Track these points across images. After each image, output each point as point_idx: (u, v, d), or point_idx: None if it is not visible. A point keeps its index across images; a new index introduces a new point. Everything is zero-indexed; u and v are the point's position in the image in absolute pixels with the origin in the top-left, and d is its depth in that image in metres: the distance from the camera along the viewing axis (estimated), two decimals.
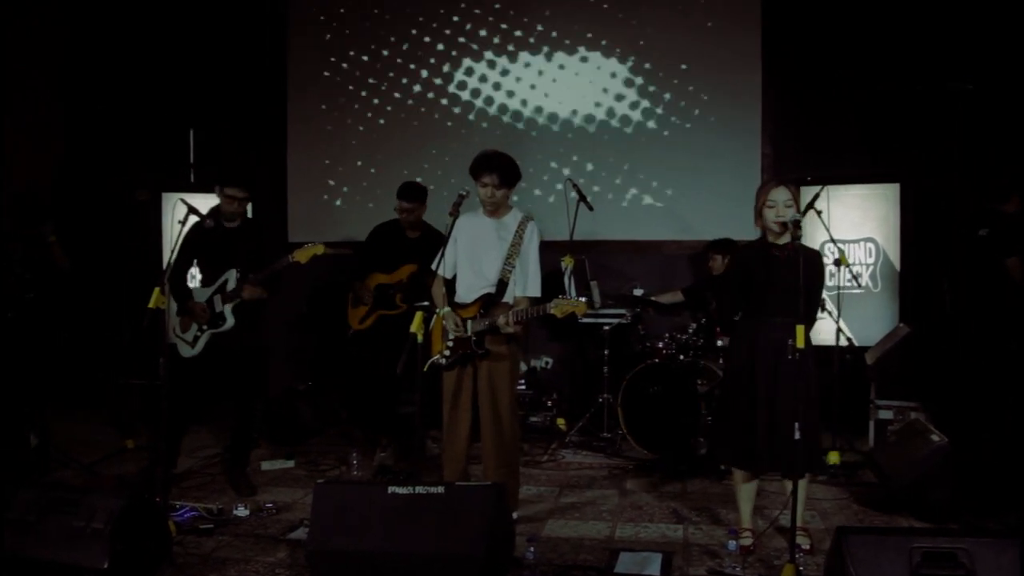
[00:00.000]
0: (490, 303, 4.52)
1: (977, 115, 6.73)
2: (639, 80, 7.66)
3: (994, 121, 6.72)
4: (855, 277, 6.28)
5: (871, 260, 6.93)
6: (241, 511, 4.80)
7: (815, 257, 4.20)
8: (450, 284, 4.73)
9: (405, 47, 8.13)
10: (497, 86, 7.94)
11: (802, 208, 4.18)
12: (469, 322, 4.51)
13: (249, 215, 5.65)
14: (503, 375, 4.52)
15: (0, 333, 5.73)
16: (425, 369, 4.33)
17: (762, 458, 4.12)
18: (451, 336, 4.53)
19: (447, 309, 4.57)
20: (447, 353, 4.54)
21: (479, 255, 4.59)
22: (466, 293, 4.62)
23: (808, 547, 4.15)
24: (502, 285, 4.53)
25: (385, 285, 6.04)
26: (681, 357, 6.35)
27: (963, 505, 4.61)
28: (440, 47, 8.06)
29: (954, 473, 4.64)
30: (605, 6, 7.71)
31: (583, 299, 4.41)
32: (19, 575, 3.78)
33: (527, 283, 4.58)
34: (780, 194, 4.10)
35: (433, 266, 4.58)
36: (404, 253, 6.02)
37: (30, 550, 3.76)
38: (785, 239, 4.12)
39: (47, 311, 6.09)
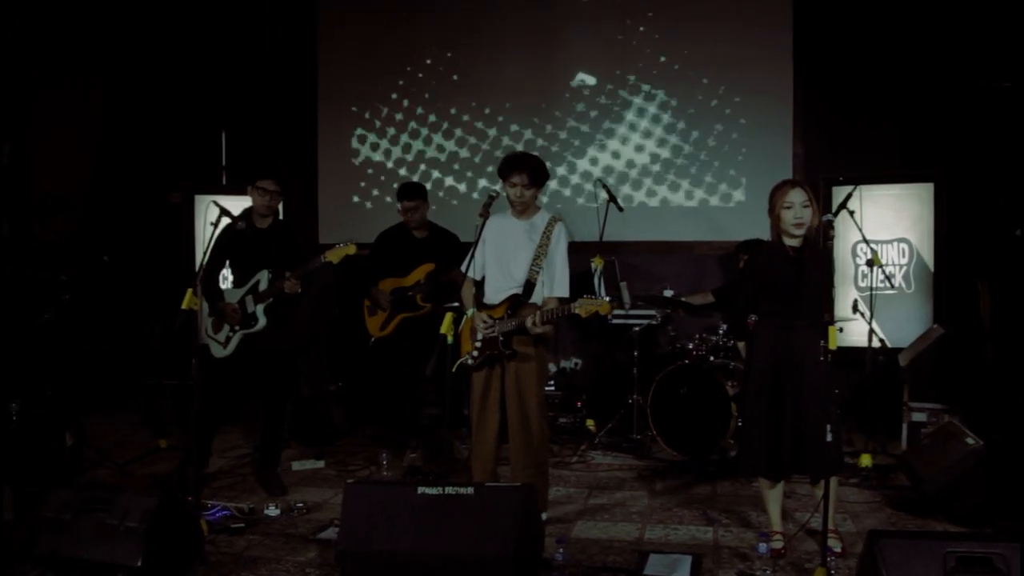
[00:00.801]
0: (518, 304, 4.52)
1: (1013, 113, 6.63)
2: (669, 81, 7.63)
3: None
4: (888, 278, 6.22)
5: (904, 261, 6.85)
6: (272, 511, 4.83)
7: (828, 256, 4.16)
8: (479, 285, 4.74)
9: (434, 47, 8.16)
10: (529, 87, 7.93)
11: (818, 209, 4.12)
12: (497, 323, 4.51)
13: (280, 216, 5.68)
14: (531, 376, 4.52)
15: (37, 335, 5.81)
16: (453, 370, 4.33)
17: (786, 463, 4.07)
18: (479, 337, 4.53)
19: (475, 310, 4.58)
20: (475, 354, 4.54)
21: (507, 256, 4.59)
22: (494, 294, 4.63)
23: (840, 550, 4.12)
24: (530, 286, 4.53)
25: (402, 288, 6.07)
26: (711, 358, 6.31)
27: (998, 509, 4.54)
28: (469, 47, 8.08)
29: (989, 477, 4.58)
30: (634, 7, 7.69)
31: (607, 298, 4.39)
32: (54, 573, 3.83)
33: (554, 284, 4.57)
34: (797, 195, 4.06)
35: (463, 268, 4.60)
36: (415, 254, 6.05)
37: (65, 548, 3.81)
38: (800, 240, 4.09)
39: (82, 313, 6.17)
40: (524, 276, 4.53)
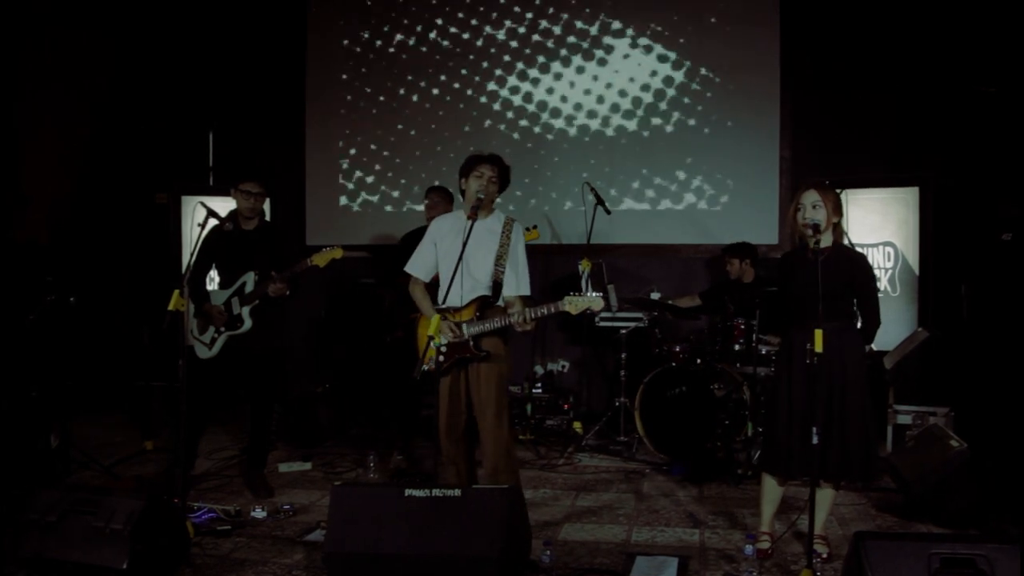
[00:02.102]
0: (486, 305, 4.46)
1: (999, 118, 6.67)
2: (657, 84, 7.65)
3: (1016, 124, 6.66)
4: None
5: (890, 264, 6.89)
6: (258, 513, 4.82)
7: (857, 259, 4.14)
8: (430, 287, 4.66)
9: (424, 51, 8.17)
10: (515, 90, 7.96)
11: (837, 209, 4.09)
12: (464, 325, 4.45)
13: (267, 218, 5.67)
14: (500, 376, 4.46)
15: (22, 336, 5.78)
16: (419, 377, 4.26)
17: (802, 463, 4.02)
18: (445, 341, 4.43)
19: (437, 315, 4.39)
20: (441, 359, 4.44)
21: (468, 257, 4.43)
22: (456, 295, 4.49)
23: (826, 555, 4.13)
24: (496, 286, 4.47)
25: None
26: (698, 361, 6.32)
27: (983, 511, 4.57)
28: (458, 51, 8.09)
29: (974, 479, 4.61)
30: (623, 12, 7.71)
31: (597, 295, 4.34)
32: (40, 575, 3.81)
33: (518, 283, 4.51)
34: (808, 196, 4.03)
35: (410, 269, 4.61)
36: None
37: (51, 551, 3.79)
38: (821, 242, 4.05)
39: (67, 314, 6.13)
40: (489, 277, 4.47)
